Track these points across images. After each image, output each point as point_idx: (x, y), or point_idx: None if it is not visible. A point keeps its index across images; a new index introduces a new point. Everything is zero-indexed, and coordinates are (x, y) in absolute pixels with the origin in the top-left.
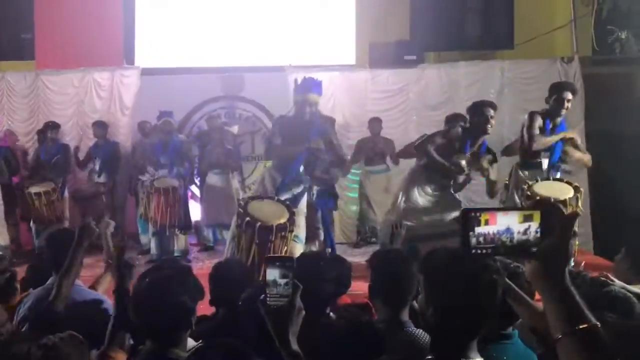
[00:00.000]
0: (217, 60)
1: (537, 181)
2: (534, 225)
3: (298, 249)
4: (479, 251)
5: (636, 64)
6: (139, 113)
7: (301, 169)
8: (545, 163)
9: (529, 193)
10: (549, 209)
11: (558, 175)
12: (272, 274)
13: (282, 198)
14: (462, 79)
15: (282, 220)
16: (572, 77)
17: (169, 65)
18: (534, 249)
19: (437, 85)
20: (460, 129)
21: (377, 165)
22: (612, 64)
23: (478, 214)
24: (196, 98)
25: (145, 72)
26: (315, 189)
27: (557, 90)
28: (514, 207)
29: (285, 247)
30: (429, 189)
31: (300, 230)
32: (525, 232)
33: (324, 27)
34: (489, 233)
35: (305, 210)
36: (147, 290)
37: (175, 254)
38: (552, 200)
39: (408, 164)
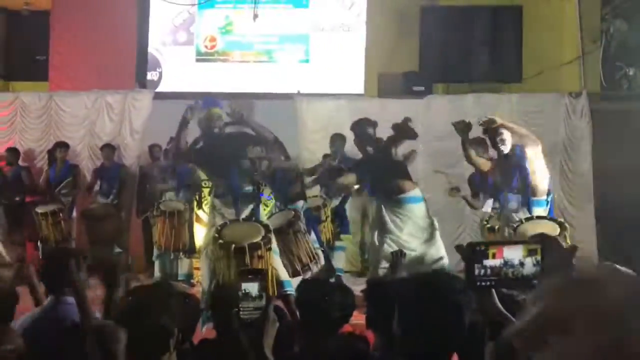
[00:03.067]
0: (227, 86)
1: (521, 222)
2: (536, 259)
3: (276, 260)
4: (482, 283)
5: None
6: (148, 137)
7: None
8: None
9: (515, 232)
10: (549, 243)
11: (544, 211)
12: (245, 287)
13: (243, 216)
14: (470, 111)
15: (256, 239)
16: (579, 112)
17: (180, 89)
18: (535, 282)
19: (444, 116)
20: None
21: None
22: (620, 100)
23: (485, 248)
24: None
25: (157, 97)
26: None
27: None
28: (519, 241)
29: (270, 260)
30: None
31: (273, 240)
32: (528, 265)
33: (334, 56)
34: (495, 266)
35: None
36: (126, 310)
37: (180, 278)
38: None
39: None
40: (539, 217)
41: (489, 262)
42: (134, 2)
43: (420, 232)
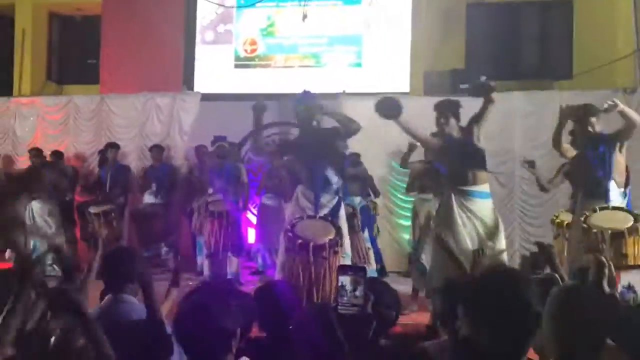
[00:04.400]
0: (274, 87)
1: (594, 211)
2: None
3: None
4: None
5: None
6: (196, 137)
7: (333, 180)
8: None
9: (585, 226)
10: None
11: (622, 202)
12: (344, 281)
13: (322, 214)
14: (519, 109)
15: (332, 236)
16: (634, 109)
17: (227, 91)
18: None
19: (492, 115)
20: None
21: (429, 194)
22: None
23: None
24: (251, 124)
25: (204, 98)
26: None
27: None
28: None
29: (329, 274)
30: None
31: (346, 244)
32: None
33: (384, 55)
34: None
35: (345, 222)
36: (187, 311)
37: (228, 277)
38: (609, 231)
39: None
40: (614, 208)
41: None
42: (182, 6)
43: (486, 230)
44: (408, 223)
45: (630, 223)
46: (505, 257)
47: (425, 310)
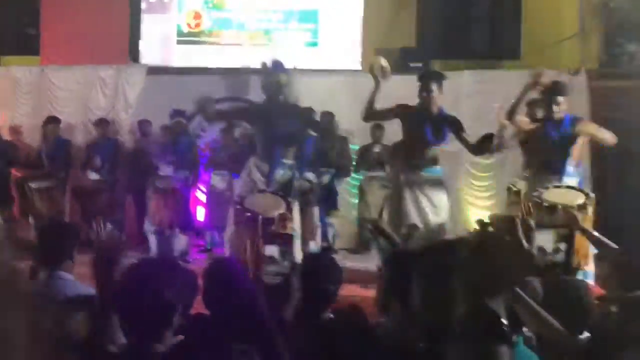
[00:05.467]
0: (222, 62)
1: (547, 188)
2: (563, 246)
3: (295, 242)
4: None
5: None
6: (142, 112)
7: (290, 156)
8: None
9: (538, 200)
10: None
11: (574, 181)
12: (271, 251)
13: (274, 189)
14: (468, 88)
15: (282, 210)
16: (578, 90)
17: (174, 64)
18: (559, 272)
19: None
20: None
21: (378, 171)
22: (620, 77)
23: None
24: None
25: (150, 71)
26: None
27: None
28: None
29: None
30: None
31: (295, 222)
32: (556, 251)
33: (331, 31)
34: None
35: (297, 198)
36: (128, 284)
37: (175, 255)
38: (560, 207)
39: None
40: (568, 187)
41: None
42: None
43: (433, 206)
44: (356, 201)
45: (582, 200)
46: (445, 230)
47: None
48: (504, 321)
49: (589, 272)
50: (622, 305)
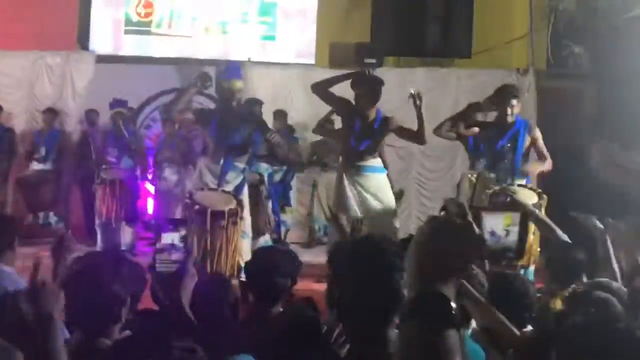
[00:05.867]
0: (176, 51)
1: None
2: (514, 229)
3: (245, 244)
4: None
5: (588, 79)
6: (91, 101)
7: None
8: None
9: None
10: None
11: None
12: (166, 237)
13: (225, 189)
14: (420, 85)
15: (232, 206)
16: (526, 89)
17: (126, 53)
18: (511, 254)
19: (395, 90)
20: None
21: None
22: (566, 78)
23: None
24: (151, 89)
25: (100, 60)
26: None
27: (500, 95)
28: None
29: (236, 236)
30: None
31: (246, 223)
32: (507, 235)
33: (286, 24)
34: None
35: (248, 202)
36: (74, 277)
37: (123, 248)
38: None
39: None
40: (520, 185)
41: None
42: None
43: (378, 204)
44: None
45: (535, 200)
46: (394, 229)
47: None
48: (453, 304)
49: (530, 270)
50: (563, 299)
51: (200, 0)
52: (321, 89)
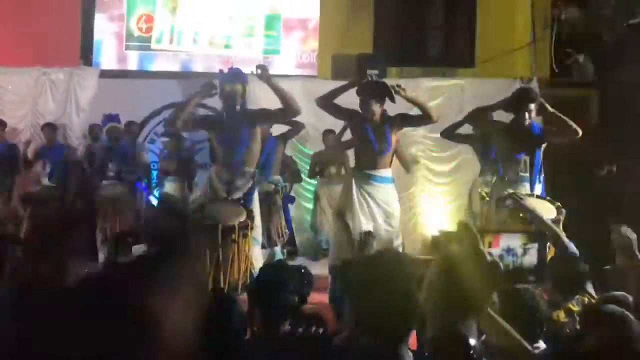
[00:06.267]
0: (178, 66)
1: (522, 197)
2: (533, 246)
3: (257, 251)
4: None
5: (591, 87)
6: (95, 116)
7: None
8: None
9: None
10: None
11: (539, 189)
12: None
13: (235, 197)
14: (424, 95)
15: (242, 219)
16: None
17: (128, 67)
18: (532, 278)
19: (398, 100)
20: None
21: (332, 178)
22: (570, 86)
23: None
24: (155, 103)
25: (104, 75)
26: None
27: (518, 99)
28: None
29: (248, 247)
30: None
31: (257, 231)
32: (524, 253)
33: (288, 36)
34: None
35: (258, 208)
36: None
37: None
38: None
39: None
40: (538, 197)
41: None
42: None
43: (384, 215)
44: (311, 207)
45: (555, 214)
46: (398, 242)
47: None
48: (473, 342)
49: None
50: (577, 318)
51: (203, 15)
52: (326, 102)
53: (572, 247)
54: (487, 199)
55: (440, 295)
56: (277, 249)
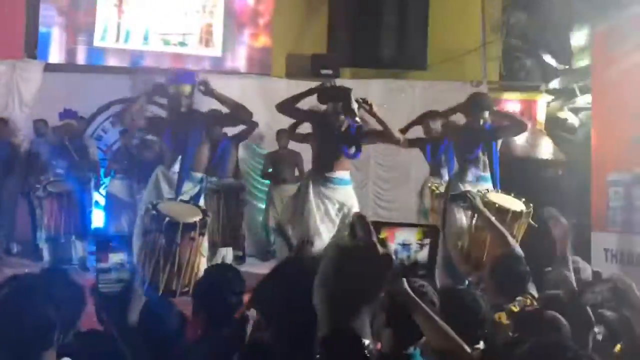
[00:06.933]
0: (128, 62)
1: (487, 191)
2: (428, 243)
3: (204, 256)
4: None
5: (539, 91)
6: (39, 111)
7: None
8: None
9: (486, 200)
10: (435, 227)
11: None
12: (106, 258)
13: (182, 199)
14: (375, 97)
15: (200, 217)
16: None
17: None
18: (422, 272)
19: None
20: None
21: (286, 180)
22: (518, 89)
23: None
24: (103, 98)
25: (49, 68)
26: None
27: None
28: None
29: (193, 257)
30: None
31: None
32: (421, 248)
33: (241, 35)
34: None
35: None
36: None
37: (73, 263)
38: (510, 211)
39: None
40: (504, 193)
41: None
42: None
43: (344, 218)
44: (263, 207)
45: (523, 208)
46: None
47: None
48: (366, 341)
49: None
50: (509, 314)
51: (154, 10)
52: (287, 108)
53: (517, 248)
54: (437, 192)
55: (330, 290)
56: (226, 251)
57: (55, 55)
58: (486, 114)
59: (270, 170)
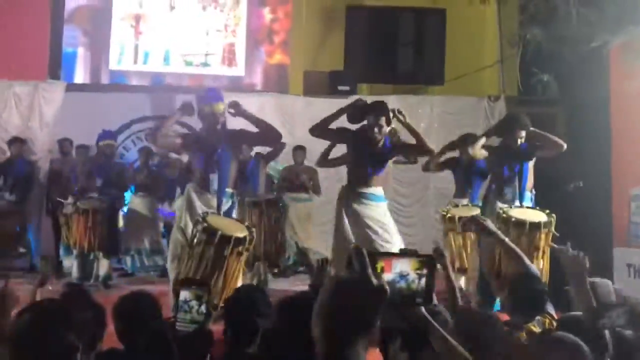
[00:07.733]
0: (148, 80)
1: (509, 207)
2: (425, 274)
3: (241, 279)
4: None
5: (556, 105)
6: (60, 130)
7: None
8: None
9: (504, 216)
10: (431, 256)
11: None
12: (186, 296)
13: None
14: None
15: (247, 232)
16: (497, 116)
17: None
18: (419, 300)
19: None
20: None
21: (300, 193)
22: (535, 104)
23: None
24: (123, 117)
25: (71, 88)
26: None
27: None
28: (409, 253)
29: (237, 272)
30: None
31: None
32: (420, 278)
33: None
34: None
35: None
36: (23, 328)
37: (100, 280)
38: (528, 223)
39: (330, 194)
40: (528, 207)
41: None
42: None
43: (377, 233)
44: None
45: (545, 218)
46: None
47: None
48: None
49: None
50: (535, 340)
51: (174, 31)
52: (320, 131)
53: (533, 268)
54: (449, 216)
55: (326, 321)
56: (262, 265)
57: (80, 76)
58: (522, 133)
59: (285, 184)
